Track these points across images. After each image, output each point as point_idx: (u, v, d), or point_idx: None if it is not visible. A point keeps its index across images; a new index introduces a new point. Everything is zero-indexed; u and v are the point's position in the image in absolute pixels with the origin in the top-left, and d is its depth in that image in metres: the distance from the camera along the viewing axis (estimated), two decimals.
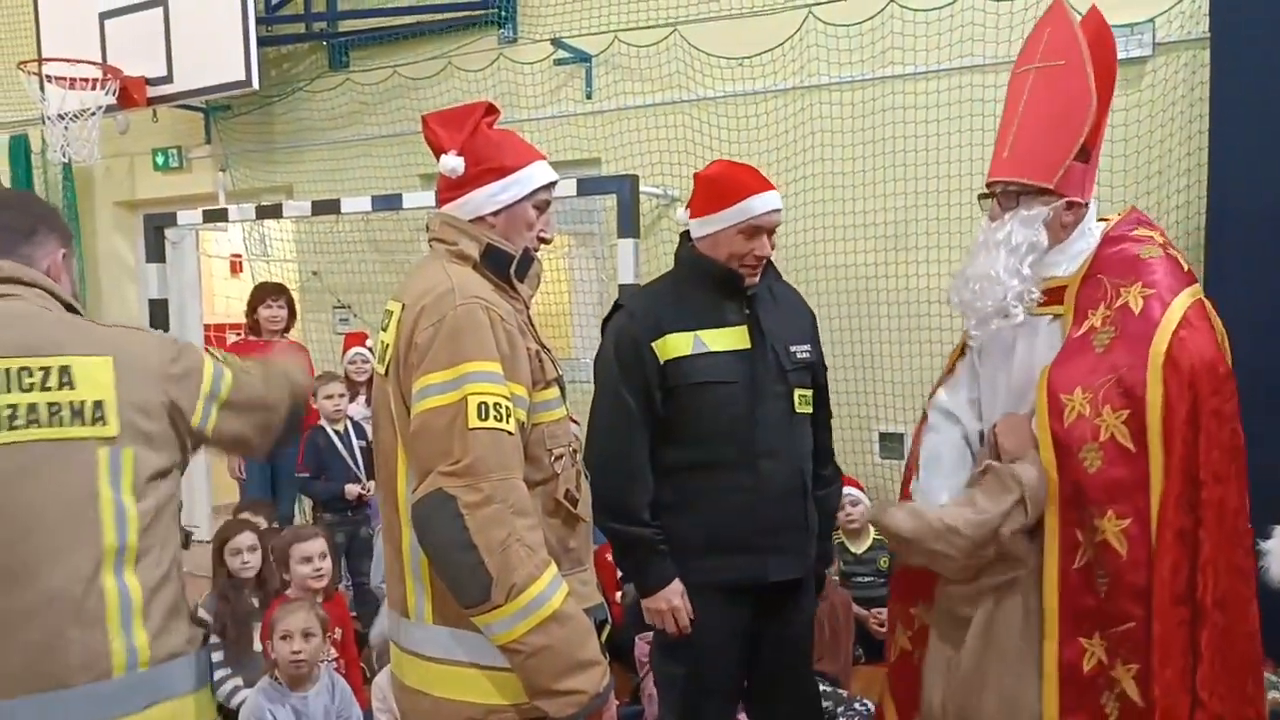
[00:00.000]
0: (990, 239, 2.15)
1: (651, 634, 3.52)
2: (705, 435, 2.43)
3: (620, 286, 4.58)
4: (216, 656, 3.51)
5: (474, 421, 1.69)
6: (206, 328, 7.00)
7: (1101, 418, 1.97)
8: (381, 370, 1.89)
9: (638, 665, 3.59)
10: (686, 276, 2.53)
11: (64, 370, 1.63)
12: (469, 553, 1.66)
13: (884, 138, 4.59)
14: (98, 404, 1.63)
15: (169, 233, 5.79)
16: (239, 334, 7.09)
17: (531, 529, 1.73)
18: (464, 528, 1.66)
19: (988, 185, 2.24)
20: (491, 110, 1.98)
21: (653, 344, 2.42)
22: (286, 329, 5.40)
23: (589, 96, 5.30)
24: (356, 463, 4.67)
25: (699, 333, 2.43)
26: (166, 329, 5.75)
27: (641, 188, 4.72)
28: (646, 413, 2.42)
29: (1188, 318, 2.00)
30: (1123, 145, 4.12)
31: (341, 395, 4.73)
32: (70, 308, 1.77)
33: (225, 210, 5.65)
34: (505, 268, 1.90)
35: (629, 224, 4.54)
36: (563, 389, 1.97)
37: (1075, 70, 2.10)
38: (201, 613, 3.68)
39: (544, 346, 1.95)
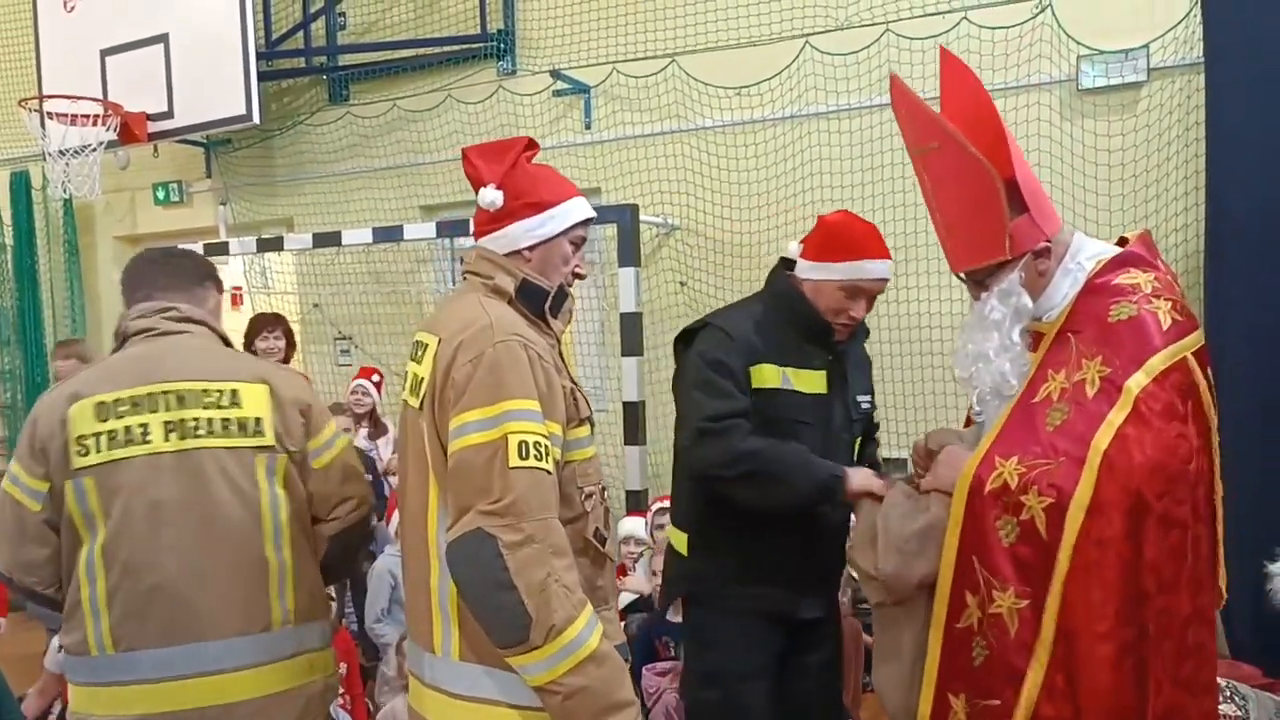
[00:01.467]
0: (979, 317, 2.11)
1: (658, 664, 3.52)
2: None
3: (622, 315, 4.59)
4: None
5: (514, 460, 1.68)
6: None
7: (1027, 497, 1.88)
8: (415, 404, 1.87)
9: (645, 697, 3.56)
10: (779, 309, 2.50)
11: (234, 393, 2.05)
12: (509, 593, 1.65)
13: (881, 165, 4.62)
14: (257, 420, 2.06)
15: None
16: None
17: (569, 569, 1.72)
18: (504, 568, 1.65)
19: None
20: (531, 145, 1.98)
21: (750, 367, 2.40)
22: (285, 360, 5.35)
23: (588, 127, 5.34)
24: None
25: (787, 369, 2.42)
26: None
27: (641, 217, 4.74)
28: (741, 390, 2.37)
29: (1138, 410, 1.85)
30: (1119, 170, 4.14)
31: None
32: (226, 341, 2.22)
33: (226, 244, 5.67)
34: (540, 303, 1.90)
35: (629, 253, 4.56)
36: (593, 426, 1.96)
37: (951, 147, 2.01)
38: None
39: (576, 383, 1.93)
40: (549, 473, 1.73)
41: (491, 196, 1.89)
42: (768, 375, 2.41)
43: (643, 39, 5.15)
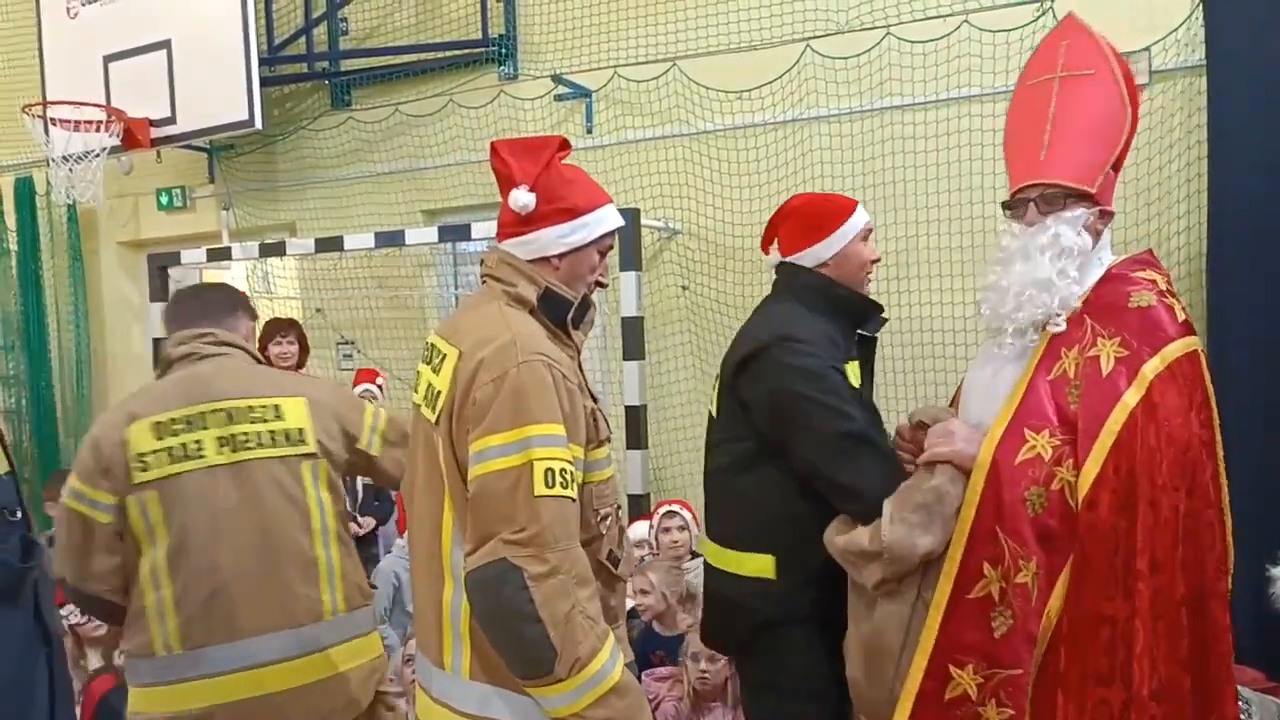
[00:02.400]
0: (1031, 244, 2.04)
1: (657, 670, 3.51)
2: None
3: (623, 319, 4.59)
4: None
5: (540, 489, 1.65)
6: None
7: (1060, 469, 1.93)
8: (431, 418, 1.82)
9: None
10: (821, 303, 2.39)
11: (276, 407, 2.29)
12: (534, 625, 1.62)
13: (882, 168, 4.61)
14: (300, 430, 2.30)
15: (173, 272, 5.81)
16: None
17: (591, 598, 1.70)
18: (529, 600, 1.62)
19: (1020, 190, 2.11)
20: (565, 146, 1.91)
21: (843, 368, 2.30)
22: (299, 365, 5.35)
23: (589, 131, 5.34)
24: (356, 500, 4.64)
25: (846, 365, 2.34)
26: None
27: (643, 220, 4.74)
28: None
29: (1150, 396, 1.92)
30: (1121, 173, 4.12)
31: None
32: (259, 362, 2.46)
33: (229, 249, 5.67)
34: (563, 314, 1.85)
35: (631, 257, 4.56)
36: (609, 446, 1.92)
37: (1106, 81, 2.06)
38: None
39: (596, 401, 1.89)
40: (574, 500, 1.70)
41: (525, 199, 1.81)
42: (851, 373, 2.34)
43: (644, 43, 5.15)
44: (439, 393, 1.79)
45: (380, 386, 5.31)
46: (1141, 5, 4.10)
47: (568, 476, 1.68)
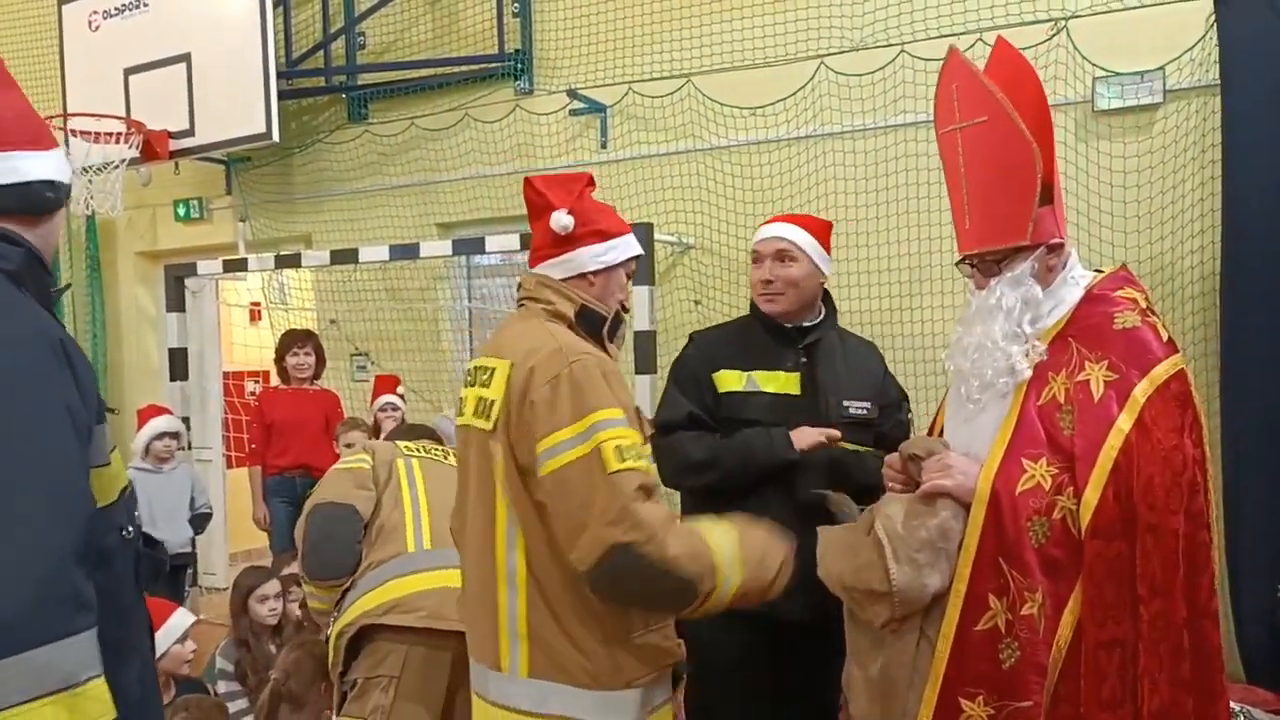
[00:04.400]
0: (984, 305, 2.07)
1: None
2: None
3: (636, 334, 4.60)
4: (240, 705, 3.49)
5: (613, 465, 1.75)
6: (226, 375, 7.05)
7: (1060, 497, 1.92)
8: (487, 427, 1.90)
9: None
10: (751, 318, 2.78)
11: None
12: (668, 578, 1.75)
13: (896, 185, 4.62)
14: None
15: (189, 282, 5.86)
16: (257, 382, 7.15)
17: (681, 528, 1.84)
18: (650, 565, 1.73)
19: (962, 258, 2.15)
20: (591, 182, 2.10)
21: (711, 374, 2.64)
22: (316, 376, 5.39)
23: (604, 146, 5.37)
24: None
25: (753, 372, 2.62)
26: (186, 377, 5.80)
27: (656, 236, 4.76)
28: (696, 405, 2.65)
29: (1142, 420, 1.92)
30: (1135, 192, 4.13)
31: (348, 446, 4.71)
32: None
33: (245, 260, 5.72)
34: (599, 328, 1.98)
35: (644, 271, 4.57)
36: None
37: (1001, 125, 2.00)
38: (220, 661, 3.67)
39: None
40: (645, 471, 1.80)
41: (566, 220, 1.98)
42: (729, 380, 2.61)
43: (659, 59, 5.18)
44: (492, 402, 1.89)
45: (402, 396, 5.34)
46: (1155, 25, 4.11)
47: (637, 450, 1.79)
